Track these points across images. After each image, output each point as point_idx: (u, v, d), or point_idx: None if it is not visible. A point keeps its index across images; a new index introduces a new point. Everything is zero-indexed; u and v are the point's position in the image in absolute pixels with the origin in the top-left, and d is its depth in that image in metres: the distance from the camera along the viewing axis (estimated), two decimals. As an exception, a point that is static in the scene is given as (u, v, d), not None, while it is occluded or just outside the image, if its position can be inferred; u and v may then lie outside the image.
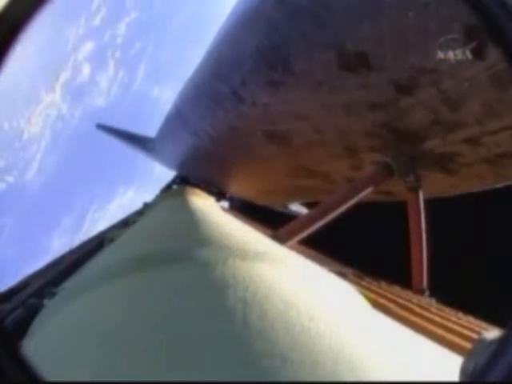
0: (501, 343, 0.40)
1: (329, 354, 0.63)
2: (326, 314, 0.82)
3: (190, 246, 1.13)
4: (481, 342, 0.49)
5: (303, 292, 0.96)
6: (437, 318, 1.78)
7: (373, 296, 1.87)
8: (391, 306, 1.79)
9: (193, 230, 1.61)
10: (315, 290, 1.01)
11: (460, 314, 2.13)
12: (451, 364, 0.60)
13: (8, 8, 0.41)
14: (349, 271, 2.67)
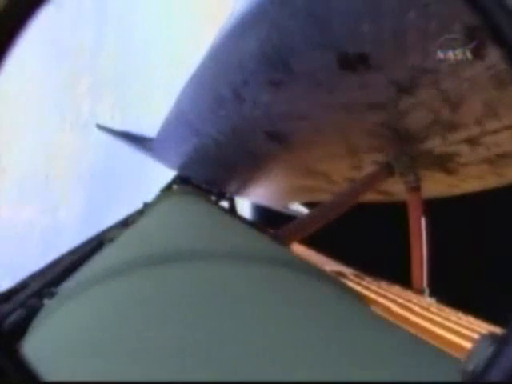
0: (501, 343, 0.40)
1: (327, 354, 0.63)
2: (324, 315, 0.82)
3: (190, 246, 1.13)
4: (481, 342, 0.49)
5: (302, 293, 0.96)
6: (437, 318, 1.78)
7: (373, 296, 1.87)
8: (391, 305, 1.79)
9: (192, 230, 1.61)
10: (314, 291, 1.01)
11: (460, 314, 2.13)
12: (451, 364, 0.60)
13: (8, 5, 0.41)
14: (349, 271, 2.68)
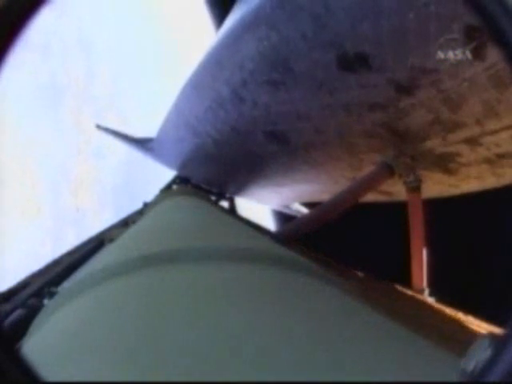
0: (501, 343, 0.40)
1: (327, 354, 0.63)
2: (324, 315, 0.82)
3: (190, 246, 1.12)
4: (480, 342, 0.49)
5: (303, 293, 0.96)
6: (437, 318, 1.78)
7: (373, 296, 1.87)
8: (391, 305, 1.79)
9: (192, 230, 1.60)
10: (315, 291, 1.01)
11: (460, 314, 2.13)
12: (451, 364, 0.60)
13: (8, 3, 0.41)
14: (349, 271, 2.67)
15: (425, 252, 2.80)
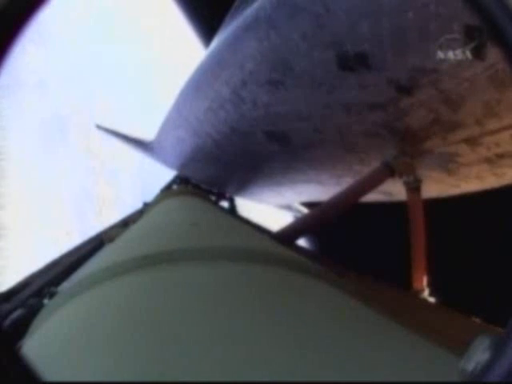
0: (501, 343, 0.40)
1: (327, 354, 0.63)
2: (324, 315, 0.82)
3: (190, 246, 1.12)
4: (481, 342, 0.49)
5: (302, 292, 0.96)
6: (437, 318, 1.78)
7: (372, 296, 1.87)
8: (391, 305, 1.79)
9: (192, 230, 1.60)
10: (314, 291, 1.01)
11: (460, 314, 2.13)
12: (451, 364, 0.60)
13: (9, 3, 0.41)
14: (349, 271, 2.67)
15: (425, 252, 2.79)
